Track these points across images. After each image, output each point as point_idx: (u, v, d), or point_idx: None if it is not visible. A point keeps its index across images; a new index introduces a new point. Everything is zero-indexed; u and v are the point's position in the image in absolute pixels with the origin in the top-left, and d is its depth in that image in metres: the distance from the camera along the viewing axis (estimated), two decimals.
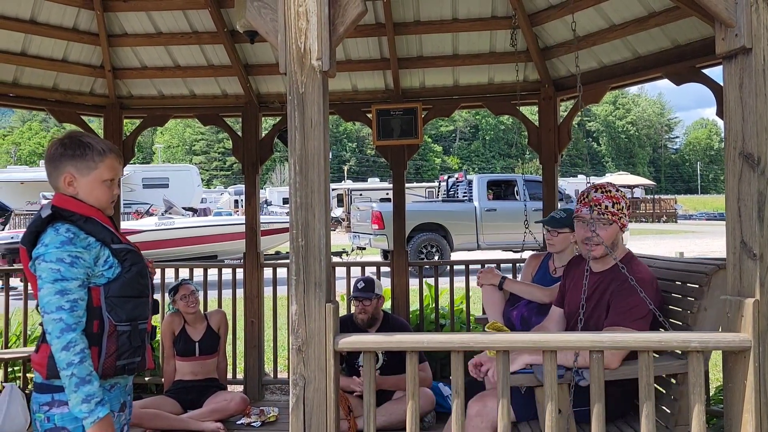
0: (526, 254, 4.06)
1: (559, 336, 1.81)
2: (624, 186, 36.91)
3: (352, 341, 1.89)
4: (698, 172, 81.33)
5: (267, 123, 6.18)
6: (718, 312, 2.25)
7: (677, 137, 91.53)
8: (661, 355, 2.23)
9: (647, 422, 1.72)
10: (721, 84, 2.08)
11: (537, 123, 4.79)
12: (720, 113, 3.23)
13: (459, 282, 5.16)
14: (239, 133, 5.05)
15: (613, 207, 2.53)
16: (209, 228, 13.59)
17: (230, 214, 21.97)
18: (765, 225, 1.82)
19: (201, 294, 4.65)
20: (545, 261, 3.64)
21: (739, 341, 1.80)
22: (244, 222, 5.17)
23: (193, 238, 13.10)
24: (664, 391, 2.42)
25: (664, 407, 2.37)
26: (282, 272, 5.44)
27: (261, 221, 5.26)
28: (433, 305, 5.22)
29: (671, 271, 2.60)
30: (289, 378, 1.90)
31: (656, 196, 40.42)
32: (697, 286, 2.32)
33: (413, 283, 5.25)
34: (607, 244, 2.49)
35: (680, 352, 2.08)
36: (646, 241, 19.92)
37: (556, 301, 2.87)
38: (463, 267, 5.15)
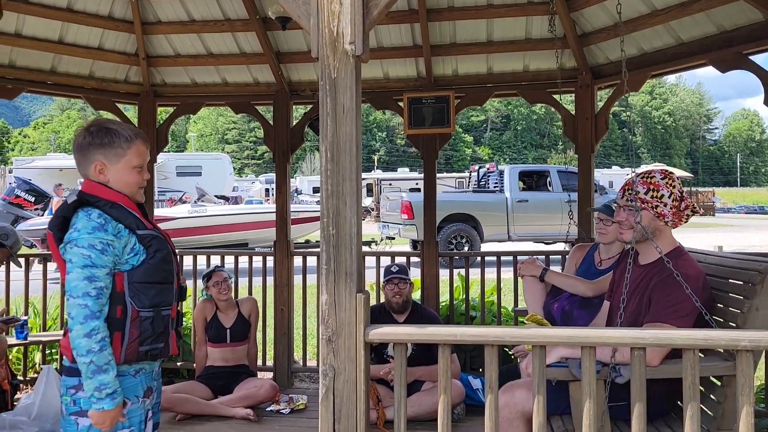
0: (556, 246, 3.99)
1: (599, 332, 1.74)
2: None
3: (383, 332, 1.85)
4: (738, 164, 79.03)
5: (297, 112, 6.17)
6: None
7: (716, 128, 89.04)
8: (708, 355, 2.14)
9: (691, 423, 1.65)
10: None
11: (573, 112, 4.67)
12: None
13: (490, 273, 5.09)
14: (270, 122, 5.05)
15: (646, 194, 2.42)
16: (240, 216, 13.72)
17: (261, 203, 22.16)
18: None
19: (233, 281, 4.68)
20: (590, 253, 3.53)
21: None
22: (274, 210, 5.18)
23: (225, 225, 13.24)
24: (707, 393, 2.32)
25: (706, 409, 2.27)
26: (312, 261, 5.44)
27: (291, 210, 5.26)
28: (464, 296, 5.16)
29: (722, 268, 2.48)
30: (318, 366, 1.88)
31: (693, 189, 39.41)
32: (749, 284, 2.19)
33: (443, 274, 5.19)
34: (636, 230, 2.39)
35: (727, 353, 2.00)
36: (682, 234, 19.19)
37: (607, 295, 2.78)
38: (494, 258, 5.07)
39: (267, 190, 33.23)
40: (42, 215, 12.90)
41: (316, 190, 32.99)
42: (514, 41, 4.65)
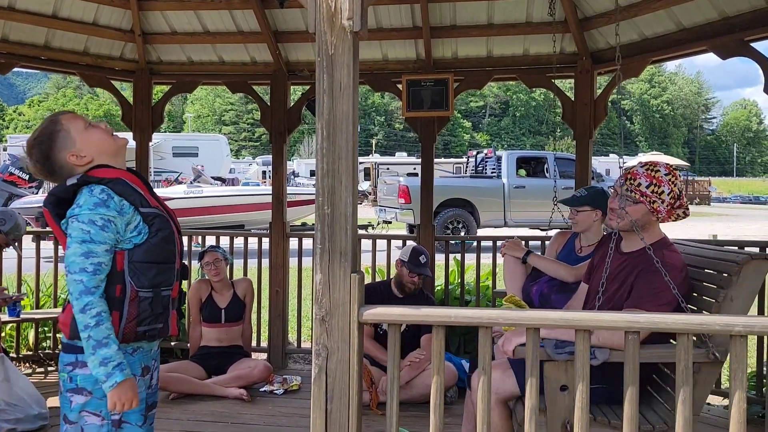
0: (553, 232, 3.98)
1: (594, 315, 1.74)
2: None
3: (377, 313, 1.84)
4: (734, 154, 79.17)
5: (295, 93, 6.12)
6: (745, 303, 2.20)
7: (714, 118, 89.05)
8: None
9: (684, 408, 1.65)
10: None
11: (572, 97, 4.64)
12: None
13: (486, 258, 5.09)
14: (267, 102, 5.00)
15: (647, 187, 2.39)
16: (237, 197, 13.67)
17: (258, 185, 22.09)
18: None
19: (227, 262, 4.66)
20: (572, 239, 3.55)
21: None
22: (271, 192, 5.15)
23: (221, 207, 13.20)
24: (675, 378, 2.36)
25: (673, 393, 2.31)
26: (307, 243, 5.41)
27: (288, 192, 5.23)
28: (459, 281, 5.16)
29: (701, 258, 2.49)
30: (312, 348, 1.87)
31: (690, 178, 39.46)
32: (726, 275, 2.21)
33: (438, 258, 5.19)
34: (625, 220, 2.37)
35: (699, 340, 2.01)
36: (677, 223, 19.34)
37: (584, 278, 2.79)
38: (489, 243, 5.07)
39: (264, 172, 33.12)
40: (36, 193, 12.83)
41: (313, 174, 32.86)
42: (515, 24, 4.60)
